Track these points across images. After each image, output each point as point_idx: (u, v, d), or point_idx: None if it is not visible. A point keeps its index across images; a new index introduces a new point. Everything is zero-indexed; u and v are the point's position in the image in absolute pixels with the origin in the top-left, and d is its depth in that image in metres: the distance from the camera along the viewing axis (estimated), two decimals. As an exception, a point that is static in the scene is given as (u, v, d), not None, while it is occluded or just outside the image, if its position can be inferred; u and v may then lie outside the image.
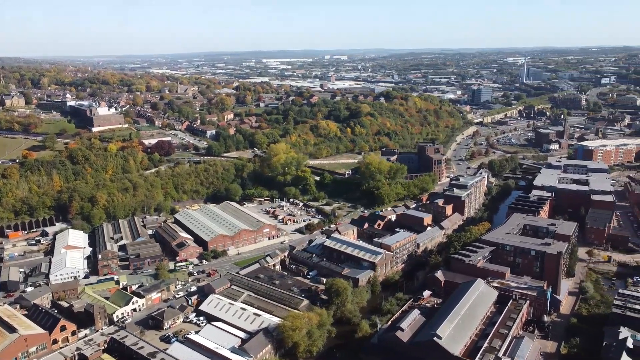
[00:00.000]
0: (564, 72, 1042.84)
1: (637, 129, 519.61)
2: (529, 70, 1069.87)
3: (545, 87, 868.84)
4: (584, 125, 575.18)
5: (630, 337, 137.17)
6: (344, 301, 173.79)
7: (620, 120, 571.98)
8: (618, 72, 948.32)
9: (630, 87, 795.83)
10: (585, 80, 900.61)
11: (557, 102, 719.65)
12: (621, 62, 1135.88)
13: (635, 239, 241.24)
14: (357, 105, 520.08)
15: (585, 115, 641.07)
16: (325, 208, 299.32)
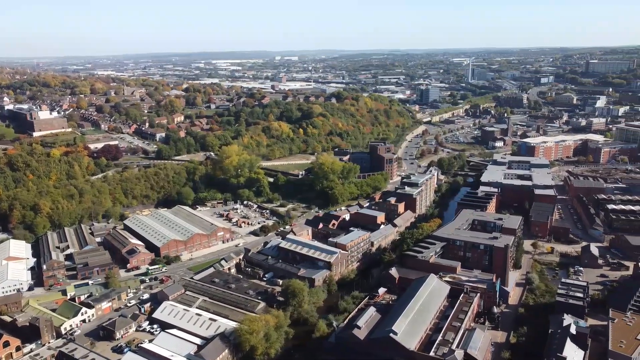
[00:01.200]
0: (507, 72, 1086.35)
1: (574, 125, 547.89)
2: (474, 70, 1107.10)
3: (489, 87, 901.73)
4: (526, 122, 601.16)
5: (574, 323, 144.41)
6: (301, 302, 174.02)
7: (558, 118, 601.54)
8: (556, 72, 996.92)
9: (567, 86, 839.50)
10: (526, 80, 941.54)
11: (500, 101, 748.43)
12: (558, 63, 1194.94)
13: (575, 230, 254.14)
14: (308, 106, 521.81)
15: (527, 113, 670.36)
16: (280, 209, 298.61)
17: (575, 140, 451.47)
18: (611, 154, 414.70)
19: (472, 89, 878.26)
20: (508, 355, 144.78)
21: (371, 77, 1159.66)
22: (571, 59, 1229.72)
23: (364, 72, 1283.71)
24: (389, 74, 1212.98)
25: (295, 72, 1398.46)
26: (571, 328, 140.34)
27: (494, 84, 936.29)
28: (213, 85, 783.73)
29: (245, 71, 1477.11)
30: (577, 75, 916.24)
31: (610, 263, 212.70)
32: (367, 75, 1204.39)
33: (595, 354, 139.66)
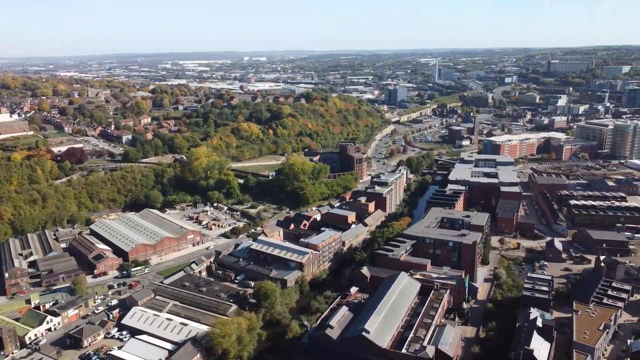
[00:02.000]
0: (472, 72, 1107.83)
1: (537, 124, 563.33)
2: (441, 70, 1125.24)
3: (455, 87, 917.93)
4: (492, 121, 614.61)
5: (540, 316, 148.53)
6: (273, 303, 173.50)
7: (522, 117, 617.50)
8: (519, 72, 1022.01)
9: (530, 86, 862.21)
10: (491, 80, 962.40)
11: (466, 100, 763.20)
12: (521, 63, 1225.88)
13: (540, 226, 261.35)
14: (278, 106, 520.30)
15: (492, 112, 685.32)
16: (251, 211, 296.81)
17: (539, 138, 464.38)
18: (572, 152, 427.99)
19: (439, 89, 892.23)
20: (478, 350, 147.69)
21: (340, 78, 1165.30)
22: (533, 59, 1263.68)
23: (332, 73, 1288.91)
24: (357, 75, 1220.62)
25: (264, 73, 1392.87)
26: (537, 321, 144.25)
27: (460, 83, 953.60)
28: (181, 86, 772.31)
29: (214, 72, 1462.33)
30: (540, 75, 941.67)
31: (573, 257, 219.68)
32: (336, 76, 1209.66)
33: (561, 346, 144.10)
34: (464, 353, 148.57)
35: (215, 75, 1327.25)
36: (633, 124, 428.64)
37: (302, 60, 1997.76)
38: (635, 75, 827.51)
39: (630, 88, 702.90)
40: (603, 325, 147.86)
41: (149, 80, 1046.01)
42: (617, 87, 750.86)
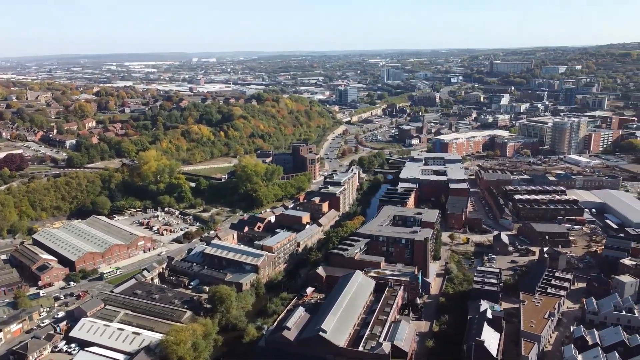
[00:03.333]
0: (419, 72, 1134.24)
1: (482, 122, 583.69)
2: (389, 71, 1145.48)
3: (404, 87, 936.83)
4: (439, 120, 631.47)
5: (489, 308, 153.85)
6: (229, 307, 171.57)
7: (468, 115, 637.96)
8: (464, 72, 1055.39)
9: (475, 85, 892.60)
10: (438, 80, 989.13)
11: (415, 100, 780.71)
12: (466, 63, 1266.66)
13: (487, 220, 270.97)
14: (229, 108, 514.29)
15: (439, 111, 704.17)
16: (203, 214, 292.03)
17: (484, 136, 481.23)
18: (516, 148, 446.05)
19: (388, 89, 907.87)
20: (432, 344, 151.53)
21: (291, 79, 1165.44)
22: (477, 60, 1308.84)
23: (283, 74, 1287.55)
24: (308, 75, 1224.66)
25: (214, 74, 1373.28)
26: (487, 313, 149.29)
27: (408, 84, 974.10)
28: (127, 89, 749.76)
29: (161, 73, 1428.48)
30: (483, 75, 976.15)
31: (519, 249, 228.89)
32: (287, 77, 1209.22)
33: (510, 335, 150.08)
34: (419, 347, 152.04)
35: (163, 77, 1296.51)
36: (570, 121, 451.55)
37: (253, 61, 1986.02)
38: (571, 74, 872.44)
39: (567, 87, 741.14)
40: (548, 313, 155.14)
41: (93, 83, 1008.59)
42: (554, 86, 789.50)
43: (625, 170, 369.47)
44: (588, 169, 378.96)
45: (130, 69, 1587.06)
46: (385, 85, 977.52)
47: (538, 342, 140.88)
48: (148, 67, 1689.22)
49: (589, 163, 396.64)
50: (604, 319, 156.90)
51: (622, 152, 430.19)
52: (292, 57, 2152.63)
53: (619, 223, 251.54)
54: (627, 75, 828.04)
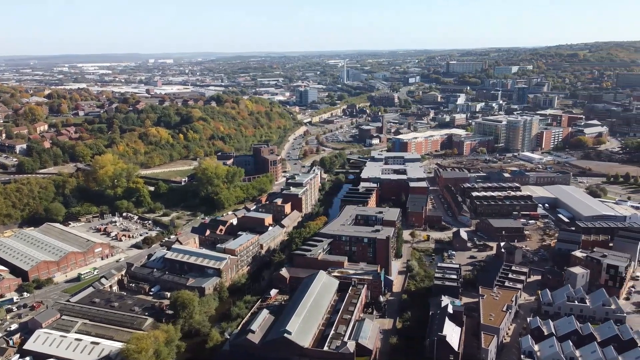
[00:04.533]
0: (378, 73, 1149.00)
1: (440, 122, 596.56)
2: (349, 71, 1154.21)
3: (363, 87, 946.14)
4: (398, 120, 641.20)
5: (450, 303, 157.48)
6: (192, 313, 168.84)
7: (426, 115, 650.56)
8: (421, 73, 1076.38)
9: (432, 85, 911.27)
10: (396, 80, 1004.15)
11: (374, 100, 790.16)
12: (423, 64, 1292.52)
13: (447, 217, 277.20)
14: (188, 110, 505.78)
15: (398, 111, 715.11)
16: (163, 219, 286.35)
17: (442, 135, 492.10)
18: (472, 147, 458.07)
19: (347, 90, 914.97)
20: (395, 340, 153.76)
21: (250, 80, 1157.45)
22: (434, 60, 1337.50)
23: (242, 75, 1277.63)
24: (267, 77, 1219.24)
25: (172, 76, 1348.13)
26: (448, 308, 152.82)
27: (367, 84, 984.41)
28: (80, 91, 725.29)
29: (116, 75, 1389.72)
30: (440, 75, 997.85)
31: (477, 245, 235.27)
32: (246, 78, 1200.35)
33: (470, 329, 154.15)
34: (383, 345, 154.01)
35: (118, 79, 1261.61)
36: (523, 120, 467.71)
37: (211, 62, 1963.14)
38: (523, 74, 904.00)
39: (519, 87, 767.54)
40: (506, 306, 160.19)
41: (44, 85, 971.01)
42: (507, 85, 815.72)
43: (575, 166, 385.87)
44: (540, 166, 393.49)
45: (84, 71, 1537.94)
46: (345, 85, 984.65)
47: (497, 334, 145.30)
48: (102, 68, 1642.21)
49: (541, 160, 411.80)
50: (558, 310, 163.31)
51: (571, 149, 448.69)
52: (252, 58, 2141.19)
53: (570, 217, 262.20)
54: (574, 75, 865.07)
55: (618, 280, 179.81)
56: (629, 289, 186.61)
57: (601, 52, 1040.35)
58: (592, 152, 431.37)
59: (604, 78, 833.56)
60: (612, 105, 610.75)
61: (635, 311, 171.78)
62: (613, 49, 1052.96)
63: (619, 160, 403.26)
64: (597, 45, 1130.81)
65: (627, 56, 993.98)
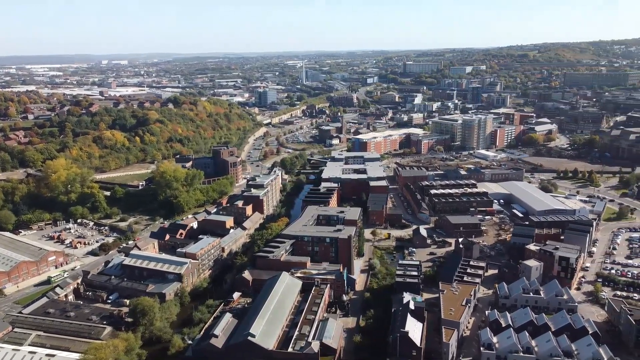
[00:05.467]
0: (337, 73, 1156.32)
1: (398, 121, 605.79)
2: (307, 72, 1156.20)
3: (322, 88, 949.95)
4: (358, 120, 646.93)
5: (412, 300, 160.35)
6: (152, 319, 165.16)
7: (385, 115, 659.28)
8: (379, 73, 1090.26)
9: (390, 86, 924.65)
10: (355, 81, 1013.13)
11: (333, 100, 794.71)
12: (380, 64, 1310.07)
13: (407, 215, 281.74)
14: (144, 112, 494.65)
15: (357, 111, 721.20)
16: (121, 224, 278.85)
17: (400, 134, 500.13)
18: (430, 145, 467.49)
19: (307, 90, 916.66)
20: (359, 339, 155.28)
21: (208, 81, 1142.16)
22: (391, 61, 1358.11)
23: (200, 76, 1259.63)
24: (226, 78, 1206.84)
25: (126, 77, 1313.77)
26: (410, 304, 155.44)
27: (326, 85, 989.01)
28: (29, 93, 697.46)
29: (68, 77, 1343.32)
30: (397, 76, 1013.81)
31: (436, 241, 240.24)
32: (204, 79, 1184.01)
33: (432, 324, 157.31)
34: (347, 343, 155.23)
35: (70, 81, 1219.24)
36: (477, 119, 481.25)
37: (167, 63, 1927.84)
38: (477, 74, 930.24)
39: (473, 86, 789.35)
40: (465, 300, 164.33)
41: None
42: (462, 85, 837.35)
43: (527, 163, 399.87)
44: (495, 163, 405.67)
45: (33, 72, 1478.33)
46: (304, 86, 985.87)
47: (457, 328, 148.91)
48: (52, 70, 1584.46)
49: (496, 157, 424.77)
50: (515, 302, 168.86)
51: (524, 146, 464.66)
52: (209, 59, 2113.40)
53: (524, 212, 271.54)
54: (525, 75, 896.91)
55: (569, 271, 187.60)
56: (579, 279, 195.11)
57: (549, 52, 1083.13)
58: (543, 148, 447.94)
59: (552, 77, 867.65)
60: (560, 104, 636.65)
61: (585, 300, 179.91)
62: (560, 50, 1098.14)
63: (568, 156, 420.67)
64: (545, 46, 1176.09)
65: (573, 56, 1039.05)
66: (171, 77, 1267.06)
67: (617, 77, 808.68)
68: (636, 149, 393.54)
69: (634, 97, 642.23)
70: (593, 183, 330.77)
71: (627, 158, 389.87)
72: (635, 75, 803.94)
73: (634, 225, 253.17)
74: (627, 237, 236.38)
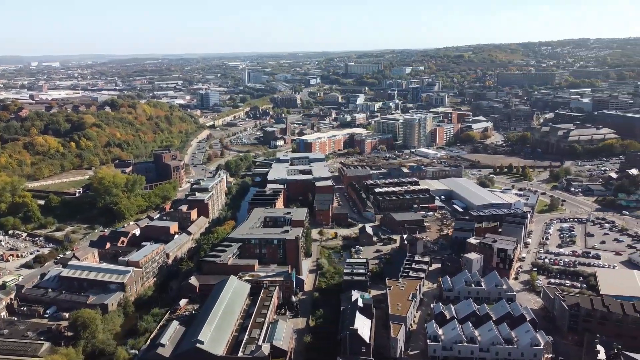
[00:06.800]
0: (280, 74, 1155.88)
1: (342, 121, 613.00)
2: (250, 73, 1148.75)
3: (265, 89, 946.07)
4: (302, 121, 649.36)
5: (360, 297, 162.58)
6: (94, 332, 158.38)
7: (328, 115, 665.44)
8: (321, 74, 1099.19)
9: (332, 86, 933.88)
10: (297, 82, 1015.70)
11: (277, 102, 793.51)
12: (323, 65, 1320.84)
13: (352, 214, 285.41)
14: (79, 116, 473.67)
15: (301, 112, 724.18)
16: (57, 234, 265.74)
17: (344, 134, 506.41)
18: (373, 145, 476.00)
19: (250, 92, 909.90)
20: (309, 339, 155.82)
21: (147, 83, 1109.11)
22: (333, 62, 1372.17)
23: (138, 78, 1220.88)
24: (165, 80, 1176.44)
25: (59, 80, 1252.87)
26: (358, 302, 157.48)
27: (269, 86, 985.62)
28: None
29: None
30: (339, 77, 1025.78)
31: (382, 239, 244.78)
32: (143, 81, 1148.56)
33: (380, 320, 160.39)
34: (298, 344, 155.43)
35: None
36: (418, 118, 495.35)
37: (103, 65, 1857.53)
38: (416, 75, 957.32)
39: (413, 86, 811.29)
40: (411, 295, 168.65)
41: None
42: (403, 85, 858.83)
43: (466, 160, 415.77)
44: (435, 160, 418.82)
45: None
46: (247, 88, 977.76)
47: (405, 322, 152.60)
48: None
49: (436, 155, 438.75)
50: (458, 294, 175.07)
51: (462, 143, 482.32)
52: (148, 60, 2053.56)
53: (464, 207, 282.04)
54: (461, 75, 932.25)
55: (507, 262, 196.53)
56: (517, 269, 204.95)
57: (483, 53, 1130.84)
58: (479, 145, 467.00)
59: (486, 77, 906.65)
60: (494, 103, 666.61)
61: (523, 289, 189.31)
62: (493, 51, 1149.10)
63: (503, 152, 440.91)
64: (479, 48, 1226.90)
65: (505, 57, 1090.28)
66: (107, 80, 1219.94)
67: (545, 77, 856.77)
68: (564, 144, 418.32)
69: (560, 96, 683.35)
70: (526, 177, 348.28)
71: (556, 153, 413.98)
72: (561, 75, 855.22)
73: (563, 216, 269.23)
74: (558, 227, 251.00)
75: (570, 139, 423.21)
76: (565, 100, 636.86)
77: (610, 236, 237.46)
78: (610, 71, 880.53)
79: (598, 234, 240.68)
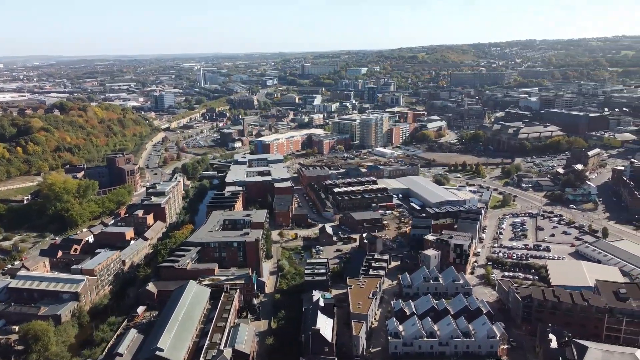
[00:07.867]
0: (236, 76, 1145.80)
1: (299, 122, 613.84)
2: (205, 75, 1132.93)
3: (222, 90, 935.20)
4: (259, 122, 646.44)
5: (321, 297, 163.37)
6: (47, 344, 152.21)
7: (286, 116, 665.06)
8: (278, 75, 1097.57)
9: (289, 87, 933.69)
10: (254, 83, 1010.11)
11: (234, 103, 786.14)
12: (279, 66, 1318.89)
13: (312, 215, 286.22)
14: (25, 120, 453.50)
15: (258, 113, 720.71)
16: (4, 244, 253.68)
17: (302, 135, 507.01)
18: (331, 145, 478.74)
19: (206, 93, 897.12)
20: (272, 341, 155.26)
21: (98, 85, 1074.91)
22: (289, 63, 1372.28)
23: (89, 80, 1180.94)
24: (118, 81, 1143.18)
25: (3, 82, 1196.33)
26: (320, 302, 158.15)
27: (225, 87, 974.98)
28: None
29: None
30: (296, 77, 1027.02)
31: (342, 238, 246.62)
32: (94, 83, 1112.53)
33: (342, 319, 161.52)
34: (260, 347, 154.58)
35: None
36: (374, 118, 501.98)
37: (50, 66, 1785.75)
38: (371, 75, 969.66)
39: (369, 87, 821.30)
40: (372, 293, 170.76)
41: None
42: (359, 86, 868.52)
43: (422, 158, 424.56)
44: (392, 159, 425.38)
45: None
46: (203, 89, 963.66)
47: (366, 320, 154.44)
48: None
49: (393, 154, 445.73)
50: (417, 290, 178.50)
51: (417, 142, 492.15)
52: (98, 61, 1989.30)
53: (421, 205, 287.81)
54: (416, 75, 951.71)
55: (463, 257, 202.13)
56: (472, 264, 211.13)
57: (436, 54, 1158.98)
58: (434, 144, 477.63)
59: (440, 77, 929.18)
60: (448, 102, 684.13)
61: (479, 283, 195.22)
62: (445, 52, 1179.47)
63: (457, 150, 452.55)
64: (432, 48, 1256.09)
65: (457, 58, 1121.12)
66: (56, 82, 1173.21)
67: (495, 77, 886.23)
68: (514, 142, 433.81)
69: (510, 95, 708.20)
70: (480, 174, 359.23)
71: (507, 150, 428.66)
72: (510, 75, 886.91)
73: (515, 211, 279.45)
74: (511, 222, 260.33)
75: (520, 136, 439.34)
76: (515, 100, 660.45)
77: (559, 229, 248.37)
78: (555, 71, 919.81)
79: (548, 227, 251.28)
